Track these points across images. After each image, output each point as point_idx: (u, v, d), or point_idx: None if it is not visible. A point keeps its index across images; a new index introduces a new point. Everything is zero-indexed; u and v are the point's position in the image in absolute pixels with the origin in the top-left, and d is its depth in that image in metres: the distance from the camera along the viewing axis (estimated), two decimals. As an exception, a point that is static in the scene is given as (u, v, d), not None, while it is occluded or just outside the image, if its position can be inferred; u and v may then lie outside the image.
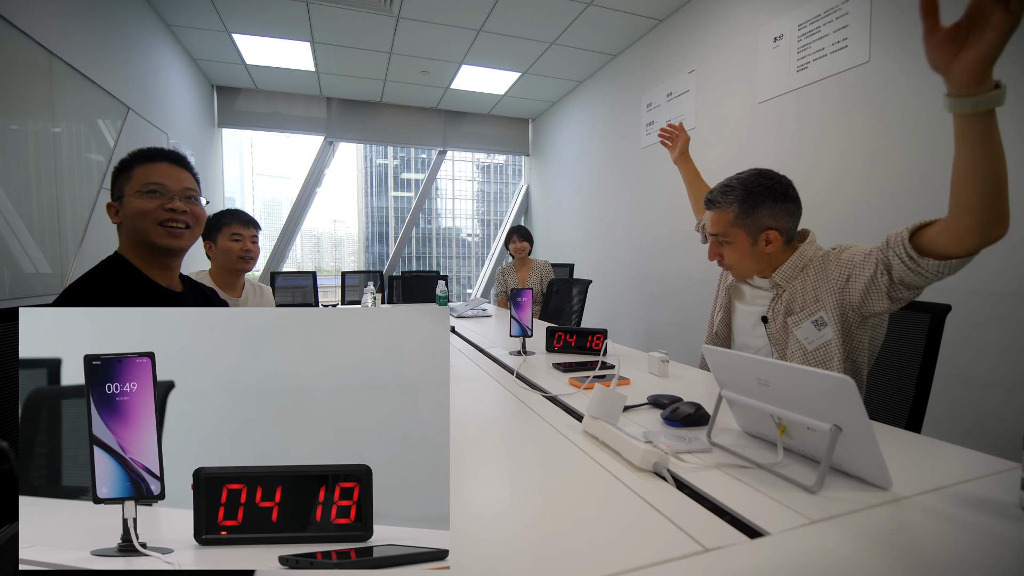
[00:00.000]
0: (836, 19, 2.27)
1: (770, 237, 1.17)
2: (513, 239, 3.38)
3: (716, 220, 1.21)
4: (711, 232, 1.23)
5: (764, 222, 1.17)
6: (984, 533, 0.54)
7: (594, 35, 3.71)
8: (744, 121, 2.82)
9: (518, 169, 6.34)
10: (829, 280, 1.11)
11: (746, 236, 1.18)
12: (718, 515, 0.58)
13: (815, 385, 0.64)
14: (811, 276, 1.15)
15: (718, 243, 1.22)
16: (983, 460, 0.74)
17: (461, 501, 0.63)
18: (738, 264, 1.22)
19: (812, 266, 1.16)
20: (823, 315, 1.11)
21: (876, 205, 2.13)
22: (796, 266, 1.18)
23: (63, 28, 2.27)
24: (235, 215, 1.86)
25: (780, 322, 1.19)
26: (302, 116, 5.07)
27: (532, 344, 1.68)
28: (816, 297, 1.12)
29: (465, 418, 0.98)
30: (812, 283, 1.14)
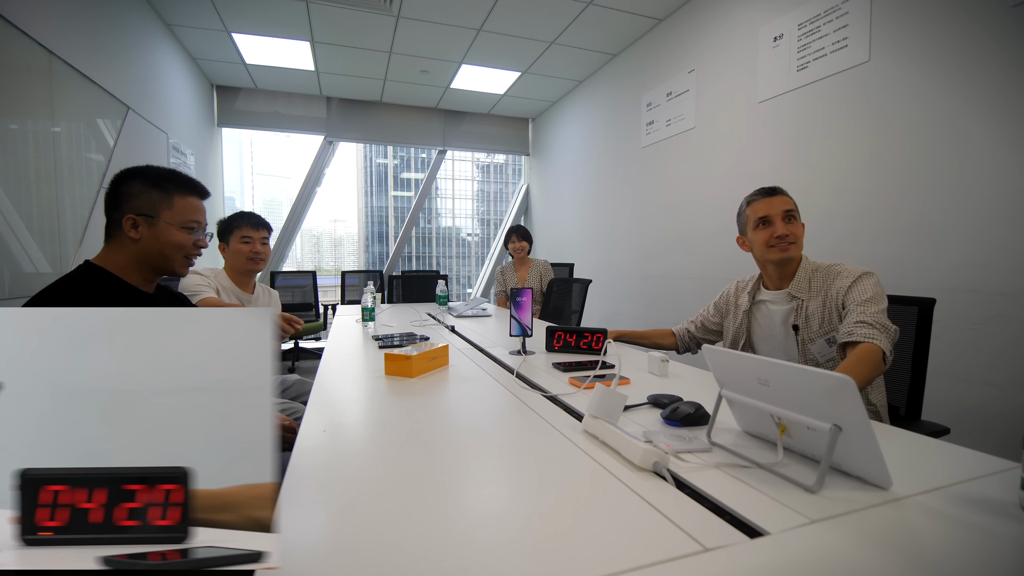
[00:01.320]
0: (836, 19, 2.27)
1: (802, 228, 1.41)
2: (512, 239, 3.37)
3: (787, 200, 1.40)
4: (787, 208, 1.38)
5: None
6: (984, 533, 0.54)
7: (594, 35, 3.71)
8: (744, 121, 2.82)
9: (518, 169, 6.34)
10: (836, 304, 1.27)
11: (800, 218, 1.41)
12: (718, 515, 0.58)
13: (815, 385, 0.64)
14: (819, 292, 1.32)
15: (790, 219, 1.37)
16: (983, 460, 0.74)
17: (461, 501, 0.63)
18: (800, 239, 1.38)
19: (815, 279, 1.34)
20: (834, 335, 1.26)
21: (876, 205, 2.13)
22: (804, 278, 1.36)
23: (63, 28, 2.27)
24: (246, 218, 1.92)
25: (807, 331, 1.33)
26: (302, 116, 5.07)
27: (532, 344, 1.68)
28: (828, 318, 1.29)
29: (465, 418, 0.98)
30: (822, 300, 1.31)
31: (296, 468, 0.72)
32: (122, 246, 1.08)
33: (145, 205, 1.07)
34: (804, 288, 1.35)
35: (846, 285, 1.26)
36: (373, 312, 2.15)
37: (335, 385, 1.23)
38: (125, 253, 1.08)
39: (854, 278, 1.27)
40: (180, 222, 1.10)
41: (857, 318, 1.18)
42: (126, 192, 1.07)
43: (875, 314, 1.17)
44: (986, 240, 1.77)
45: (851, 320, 1.19)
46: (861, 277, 1.26)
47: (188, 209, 1.12)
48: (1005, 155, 1.72)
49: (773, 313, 1.42)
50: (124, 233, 1.06)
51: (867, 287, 1.23)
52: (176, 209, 1.10)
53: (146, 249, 1.08)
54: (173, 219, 1.09)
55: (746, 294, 1.50)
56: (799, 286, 1.36)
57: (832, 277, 1.32)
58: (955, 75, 1.85)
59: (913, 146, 1.99)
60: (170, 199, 1.09)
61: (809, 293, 1.34)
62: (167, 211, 1.09)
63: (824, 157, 2.37)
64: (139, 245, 1.07)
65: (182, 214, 1.11)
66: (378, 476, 0.70)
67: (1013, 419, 1.70)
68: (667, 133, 3.47)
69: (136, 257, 1.08)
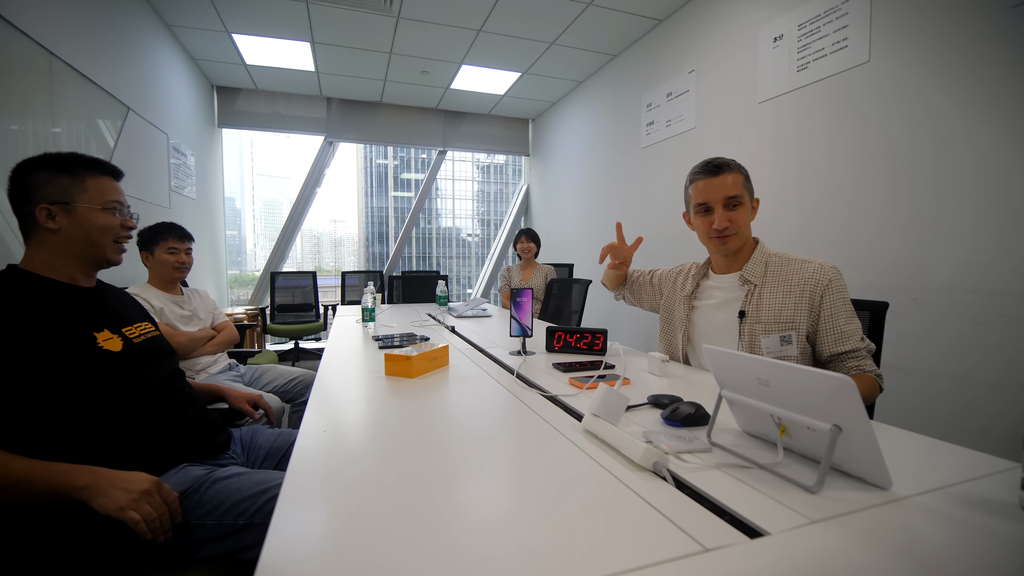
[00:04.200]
0: (836, 19, 2.27)
1: (755, 205, 1.29)
2: (521, 239, 3.53)
3: (732, 183, 1.23)
4: (728, 195, 1.23)
5: (752, 190, 1.29)
6: (984, 533, 0.54)
7: (594, 35, 3.71)
8: (744, 121, 2.82)
9: (518, 169, 6.34)
10: (807, 298, 1.19)
11: (748, 200, 1.26)
12: (718, 515, 0.58)
13: (815, 385, 0.64)
14: (778, 281, 1.23)
15: (731, 207, 1.24)
16: (983, 460, 0.74)
17: (461, 501, 0.63)
18: (744, 227, 1.26)
19: (772, 264, 1.25)
20: (792, 334, 1.19)
21: (876, 205, 2.13)
22: (760, 261, 1.26)
23: (63, 28, 2.27)
24: (171, 230, 1.97)
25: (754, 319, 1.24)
26: (302, 116, 5.07)
27: (532, 344, 1.68)
28: (788, 313, 1.20)
29: (465, 418, 0.98)
30: (783, 290, 1.21)
31: (296, 468, 0.72)
32: (42, 242, 0.99)
33: (56, 192, 0.99)
34: (759, 272, 1.25)
35: (823, 281, 1.17)
36: (373, 312, 2.15)
37: (335, 385, 1.23)
38: (48, 248, 0.99)
39: (828, 274, 1.18)
40: (100, 203, 1.02)
41: (846, 346, 1.14)
42: (31, 183, 0.99)
43: (859, 337, 1.15)
44: (986, 240, 1.77)
45: (839, 347, 1.15)
46: (835, 274, 1.18)
47: (104, 190, 1.04)
48: (1005, 155, 1.72)
49: (718, 299, 1.33)
50: (41, 226, 0.98)
51: (843, 291, 1.18)
52: (91, 191, 1.02)
53: (69, 239, 0.99)
54: (91, 201, 1.01)
55: (690, 279, 1.41)
56: (753, 269, 1.25)
57: (796, 266, 1.22)
58: (955, 75, 1.85)
59: (913, 146, 1.99)
60: (82, 182, 1.01)
61: (764, 278, 1.24)
62: (82, 194, 1.00)
63: (824, 157, 2.37)
64: (60, 236, 0.99)
65: (99, 195, 1.03)
66: (378, 476, 0.70)
67: (1013, 419, 1.69)
68: (667, 133, 3.47)
69: (61, 250, 1.00)
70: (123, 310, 1.15)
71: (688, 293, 1.41)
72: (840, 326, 1.15)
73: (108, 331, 1.02)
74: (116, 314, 1.10)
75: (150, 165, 3.23)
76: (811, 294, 1.18)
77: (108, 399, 0.96)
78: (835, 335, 1.16)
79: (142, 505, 0.81)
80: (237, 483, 0.94)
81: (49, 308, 0.95)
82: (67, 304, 1.00)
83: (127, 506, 0.79)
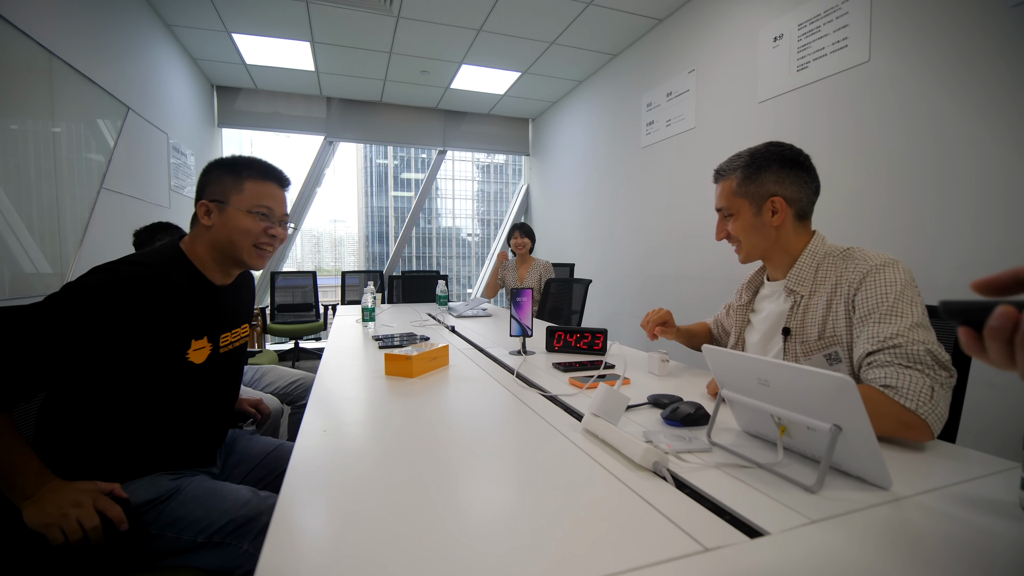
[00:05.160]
0: (836, 19, 2.27)
1: (775, 205, 1.04)
2: (515, 235, 3.43)
3: (721, 192, 1.12)
4: (717, 207, 1.14)
5: (768, 188, 1.05)
6: (984, 533, 0.54)
7: (594, 35, 3.71)
8: (744, 121, 2.82)
9: (518, 169, 6.34)
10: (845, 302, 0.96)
11: (749, 205, 1.07)
12: (718, 515, 0.58)
13: (815, 385, 0.64)
14: (826, 287, 1.01)
15: (723, 218, 1.13)
16: (983, 460, 0.74)
17: (461, 501, 0.63)
18: (745, 238, 1.09)
19: (825, 267, 1.03)
20: (838, 350, 0.96)
21: (876, 205, 2.13)
22: (810, 265, 1.04)
23: (63, 28, 2.27)
24: (168, 230, 1.46)
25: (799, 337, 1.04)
26: (302, 116, 5.07)
27: (532, 344, 1.68)
28: (831, 326, 0.98)
29: (465, 418, 0.98)
30: (826, 297, 1.00)
31: (296, 468, 0.72)
32: (198, 234, 1.06)
33: (218, 191, 1.05)
34: (807, 279, 1.03)
35: (856, 279, 0.94)
36: (373, 312, 2.15)
37: (335, 385, 1.23)
38: (201, 241, 1.06)
39: (866, 267, 0.93)
40: (248, 207, 1.05)
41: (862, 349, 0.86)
42: (206, 180, 1.06)
43: (882, 338, 0.84)
44: (986, 240, 1.77)
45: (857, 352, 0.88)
46: (878, 267, 0.92)
47: (258, 194, 1.06)
48: (1005, 155, 1.72)
49: (767, 312, 1.14)
50: (199, 221, 1.05)
51: (883, 287, 0.89)
52: (246, 194, 1.05)
53: (217, 236, 1.04)
54: (241, 204, 1.05)
55: (747, 288, 1.24)
56: (800, 277, 1.04)
57: (843, 263, 0.99)
58: (955, 75, 1.85)
59: (913, 146, 1.99)
60: (241, 184, 1.05)
61: (813, 286, 1.02)
62: (236, 195, 1.05)
63: (824, 157, 2.36)
64: (211, 233, 1.04)
65: (251, 199, 1.05)
66: (378, 476, 0.70)
67: (1013, 419, 1.69)
68: (667, 133, 3.47)
69: (210, 245, 1.05)
70: (238, 310, 1.18)
71: (744, 303, 1.22)
72: (866, 331, 0.88)
73: (207, 338, 1.06)
74: (227, 317, 1.13)
75: (150, 165, 3.22)
76: (846, 299, 0.95)
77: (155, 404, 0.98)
78: (863, 339, 0.88)
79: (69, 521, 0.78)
80: (204, 501, 0.94)
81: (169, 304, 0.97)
82: (186, 303, 1.01)
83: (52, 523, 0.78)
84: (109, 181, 2.62)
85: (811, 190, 1.07)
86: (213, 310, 1.08)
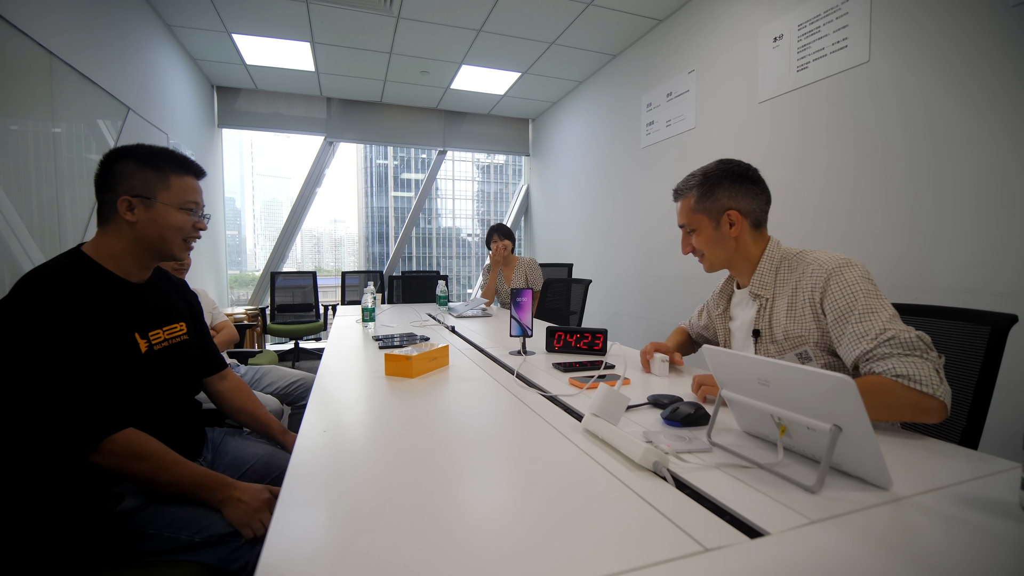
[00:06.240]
0: (836, 19, 2.27)
1: (732, 218, 1.14)
2: (494, 239, 3.28)
3: (681, 210, 1.22)
4: (679, 224, 1.23)
5: (723, 203, 1.15)
6: (984, 533, 0.54)
7: (594, 35, 3.71)
8: (744, 121, 2.82)
9: (518, 169, 6.34)
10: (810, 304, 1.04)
11: (708, 220, 1.17)
12: (718, 515, 0.58)
13: (815, 385, 0.64)
14: (786, 289, 1.09)
15: (687, 233, 1.22)
16: (983, 460, 0.74)
17: (461, 501, 0.63)
18: (708, 250, 1.19)
19: (783, 269, 1.12)
20: (808, 349, 1.05)
21: (876, 205, 2.13)
22: (769, 269, 1.14)
23: (63, 28, 2.27)
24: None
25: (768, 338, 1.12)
26: (302, 116, 5.07)
27: (532, 344, 1.68)
28: (797, 326, 1.06)
29: (465, 418, 0.98)
30: (787, 301, 1.08)
31: (296, 468, 0.72)
32: (118, 231, 1.02)
33: (140, 186, 1.01)
34: (769, 283, 1.12)
35: (819, 283, 1.01)
36: (373, 312, 2.15)
37: (335, 385, 1.23)
38: (121, 238, 1.02)
39: (825, 272, 1.00)
40: (178, 203, 1.04)
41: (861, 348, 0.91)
42: (118, 172, 1.01)
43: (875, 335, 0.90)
44: (986, 240, 1.77)
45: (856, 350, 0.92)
46: (836, 269, 0.99)
47: (185, 189, 1.06)
48: (1005, 155, 1.72)
49: (740, 318, 1.22)
50: (119, 216, 1.00)
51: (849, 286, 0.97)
52: (173, 190, 1.03)
53: (143, 233, 1.02)
54: (171, 200, 1.03)
55: (720, 296, 1.33)
56: (762, 281, 1.13)
57: (799, 266, 1.08)
58: (955, 75, 1.85)
59: (913, 146, 1.99)
60: (166, 179, 1.03)
61: (775, 289, 1.12)
62: (164, 192, 1.02)
63: (824, 157, 2.37)
64: (136, 229, 1.01)
65: (180, 195, 1.04)
66: (378, 476, 0.70)
67: (1013, 419, 1.69)
68: (667, 133, 3.47)
69: (133, 242, 1.03)
70: (165, 306, 1.16)
71: (720, 312, 1.32)
72: (850, 331, 0.94)
73: (137, 335, 1.04)
74: (152, 313, 1.11)
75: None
76: (811, 301, 1.03)
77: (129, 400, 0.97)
78: (847, 343, 0.95)
79: (257, 523, 0.93)
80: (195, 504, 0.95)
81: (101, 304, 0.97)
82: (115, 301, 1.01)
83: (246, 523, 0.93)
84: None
85: (763, 200, 1.17)
86: (135, 307, 1.05)
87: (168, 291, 1.20)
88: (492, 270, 3.41)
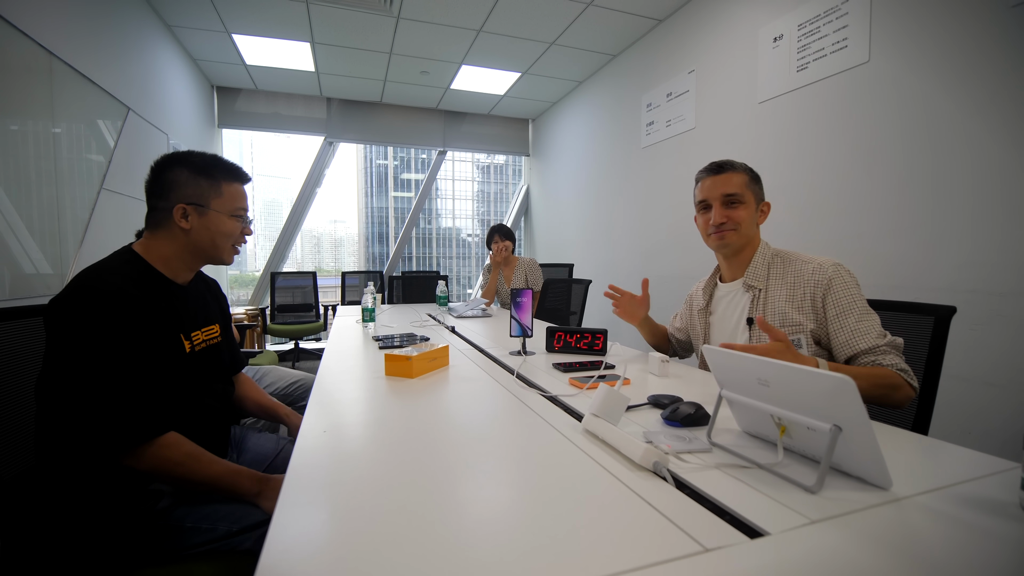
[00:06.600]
0: (836, 19, 2.27)
1: (764, 208, 1.29)
2: (495, 239, 3.29)
3: (733, 180, 1.26)
4: (726, 192, 1.25)
5: (761, 194, 1.30)
6: (984, 533, 0.54)
7: (594, 35, 3.71)
8: (744, 121, 2.82)
9: (518, 169, 6.34)
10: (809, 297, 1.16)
11: (754, 200, 1.27)
12: (718, 515, 0.58)
13: (815, 385, 0.64)
14: (781, 281, 1.21)
15: (730, 203, 1.25)
16: (983, 460, 0.74)
17: (461, 501, 0.63)
18: (745, 226, 1.25)
19: (775, 265, 1.24)
20: (801, 337, 1.15)
21: (876, 205, 2.13)
22: (762, 263, 1.25)
23: (63, 28, 2.27)
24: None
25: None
26: (302, 116, 5.07)
27: (532, 344, 1.68)
28: (793, 316, 1.16)
29: (465, 418, 0.98)
30: (787, 291, 1.19)
31: (296, 468, 0.72)
32: (171, 236, 1.05)
33: (194, 194, 1.04)
34: (762, 275, 1.23)
35: (822, 282, 1.13)
36: (373, 313, 2.15)
37: (335, 386, 1.23)
38: (173, 243, 1.05)
39: (828, 273, 1.13)
40: (230, 210, 1.08)
41: (863, 345, 1.05)
42: (172, 180, 1.04)
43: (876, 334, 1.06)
44: (986, 240, 1.77)
45: (854, 347, 1.07)
46: (836, 272, 1.13)
47: (236, 196, 1.10)
48: (1005, 155, 1.72)
49: (730, 309, 1.31)
50: (174, 223, 1.03)
51: (848, 289, 1.11)
52: (225, 197, 1.08)
53: (197, 239, 1.06)
54: (223, 207, 1.07)
55: (703, 292, 1.41)
56: (756, 273, 1.23)
57: (798, 266, 1.19)
58: (955, 75, 1.85)
59: (913, 146, 1.99)
60: (219, 187, 1.07)
61: (768, 281, 1.21)
62: (217, 199, 1.06)
63: (824, 157, 2.37)
64: (190, 236, 1.05)
65: (231, 202, 1.09)
66: (378, 476, 0.70)
67: (1013, 419, 1.69)
68: (667, 134, 3.47)
69: (185, 247, 1.06)
70: (203, 309, 1.18)
71: (702, 306, 1.40)
72: (851, 325, 1.08)
73: (182, 335, 1.07)
74: (195, 314, 1.13)
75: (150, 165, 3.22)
76: (812, 296, 1.14)
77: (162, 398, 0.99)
78: (846, 335, 1.09)
79: None
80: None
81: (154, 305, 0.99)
82: (166, 302, 1.03)
83: None
84: (109, 182, 2.62)
85: None
86: (183, 308, 1.09)
87: (204, 292, 1.22)
88: (492, 270, 3.41)
